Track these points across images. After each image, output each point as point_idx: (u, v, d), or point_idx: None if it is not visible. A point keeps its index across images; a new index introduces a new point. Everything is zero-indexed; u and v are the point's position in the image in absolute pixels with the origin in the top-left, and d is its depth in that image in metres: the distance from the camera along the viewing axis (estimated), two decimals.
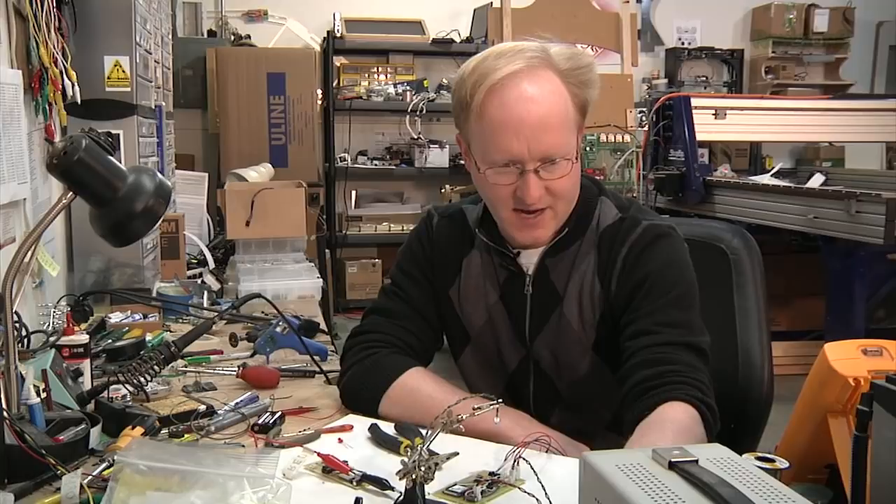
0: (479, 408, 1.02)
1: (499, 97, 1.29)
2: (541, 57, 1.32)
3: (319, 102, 5.77)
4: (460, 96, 1.34)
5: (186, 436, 1.29)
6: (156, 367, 1.44)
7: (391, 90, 5.94)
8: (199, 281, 2.53)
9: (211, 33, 5.97)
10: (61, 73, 1.96)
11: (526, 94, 1.29)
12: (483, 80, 1.30)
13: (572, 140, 1.33)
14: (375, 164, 6.14)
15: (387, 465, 1.14)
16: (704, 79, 6.97)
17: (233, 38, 5.95)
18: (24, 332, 1.64)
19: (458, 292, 1.49)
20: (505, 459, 1.11)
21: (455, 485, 1.10)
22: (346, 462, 1.15)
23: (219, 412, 1.36)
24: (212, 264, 2.88)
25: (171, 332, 1.98)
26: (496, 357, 1.48)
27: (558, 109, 1.31)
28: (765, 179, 5.03)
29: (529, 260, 1.43)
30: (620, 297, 1.37)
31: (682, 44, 6.96)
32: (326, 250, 5.31)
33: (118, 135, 1.80)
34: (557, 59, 1.33)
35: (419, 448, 0.98)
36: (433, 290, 1.50)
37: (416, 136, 5.94)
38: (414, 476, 0.97)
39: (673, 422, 1.19)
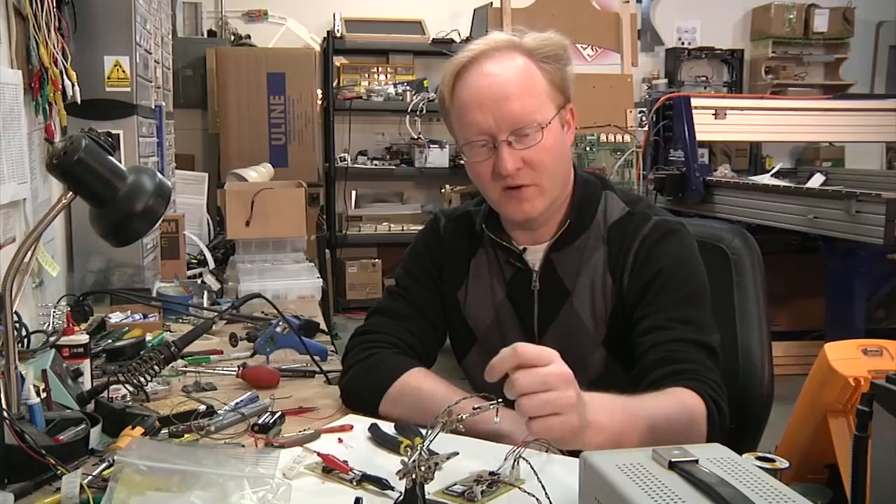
0: (479, 408, 1.02)
1: (463, 79, 1.36)
2: (506, 40, 1.37)
3: (319, 102, 5.77)
4: (440, 93, 1.42)
5: (186, 436, 1.29)
6: (156, 367, 1.44)
7: (391, 90, 5.94)
8: (199, 281, 2.53)
9: (211, 33, 5.96)
10: (61, 73, 1.96)
11: (487, 71, 1.34)
12: (452, 70, 1.37)
13: (545, 110, 1.34)
14: (375, 164, 6.13)
15: (387, 465, 1.14)
16: (704, 79, 6.96)
17: (233, 38, 5.95)
18: (24, 332, 1.64)
19: (465, 293, 1.50)
20: (505, 459, 1.11)
21: (455, 485, 1.09)
22: (346, 462, 1.15)
23: (219, 412, 1.36)
24: (212, 264, 2.88)
25: (171, 332, 1.98)
26: None
27: (521, 78, 1.34)
28: (765, 179, 5.03)
29: (535, 256, 1.44)
30: (632, 291, 1.38)
31: (682, 44, 6.96)
32: (326, 250, 5.31)
33: (118, 135, 1.79)
34: (524, 41, 1.37)
35: (419, 448, 0.98)
36: (438, 292, 1.51)
37: (416, 136, 5.94)
38: (414, 476, 0.97)
39: (679, 398, 1.20)
